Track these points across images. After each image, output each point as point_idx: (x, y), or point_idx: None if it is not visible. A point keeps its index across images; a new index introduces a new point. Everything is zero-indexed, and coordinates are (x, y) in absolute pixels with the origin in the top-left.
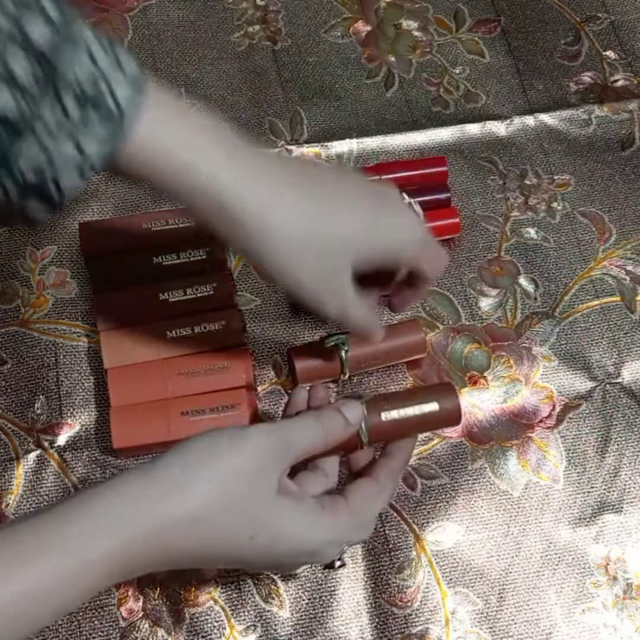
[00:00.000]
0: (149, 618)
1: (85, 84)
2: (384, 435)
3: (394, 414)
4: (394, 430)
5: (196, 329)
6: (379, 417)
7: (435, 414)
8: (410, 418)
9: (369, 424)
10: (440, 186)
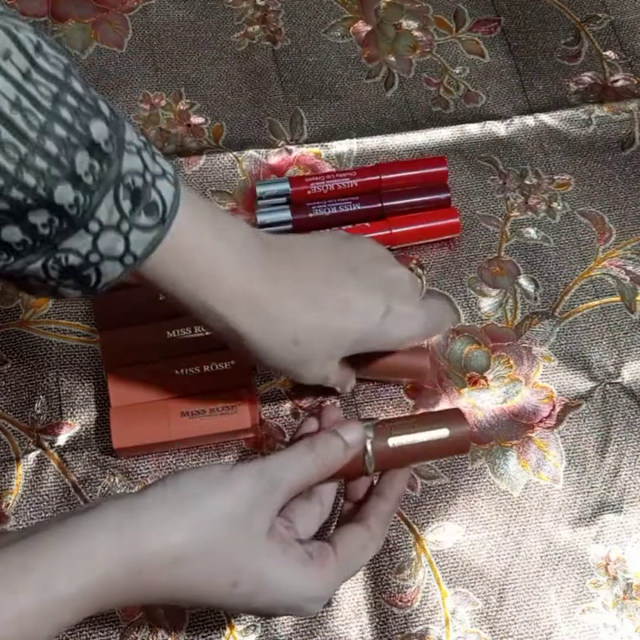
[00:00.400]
0: (149, 618)
1: (135, 177)
2: (390, 462)
3: (402, 440)
4: (401, 457)
5: (196, 329)
6: (386, 443)
7: (444, 441)
8: (419, 444)
9: (375, 449)
10: (440, 186)
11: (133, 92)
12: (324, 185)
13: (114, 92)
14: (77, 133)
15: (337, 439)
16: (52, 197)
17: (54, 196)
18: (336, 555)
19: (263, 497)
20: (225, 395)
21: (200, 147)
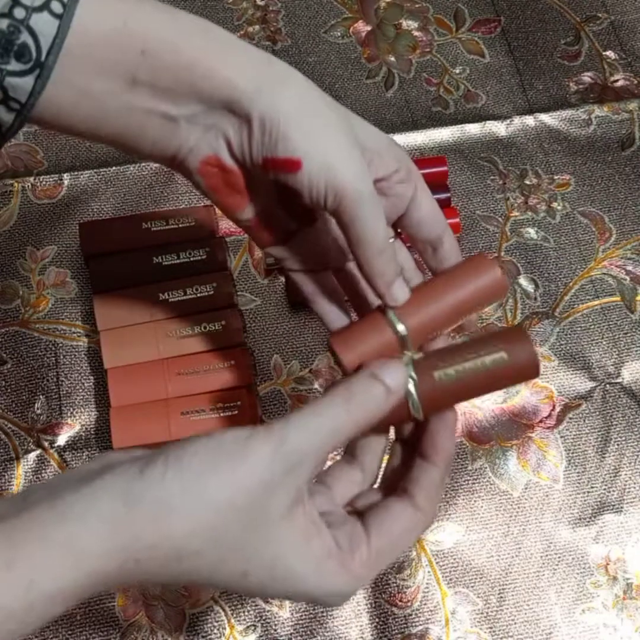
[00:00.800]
0: (149, 618)
1: None
2: (441, 401)
3: (451, 372)
4: (454, 394)
5: (196, 328)
6: (431, 378)
7: (504, 366)
8: (472, 375)
9: (419, 389)
10: (440, 186)
11: None
12: None
13: None
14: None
15: (377, 385)
16: None
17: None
18: (369, 546)
19: (283, 473)
20: (226, 395)
21: None
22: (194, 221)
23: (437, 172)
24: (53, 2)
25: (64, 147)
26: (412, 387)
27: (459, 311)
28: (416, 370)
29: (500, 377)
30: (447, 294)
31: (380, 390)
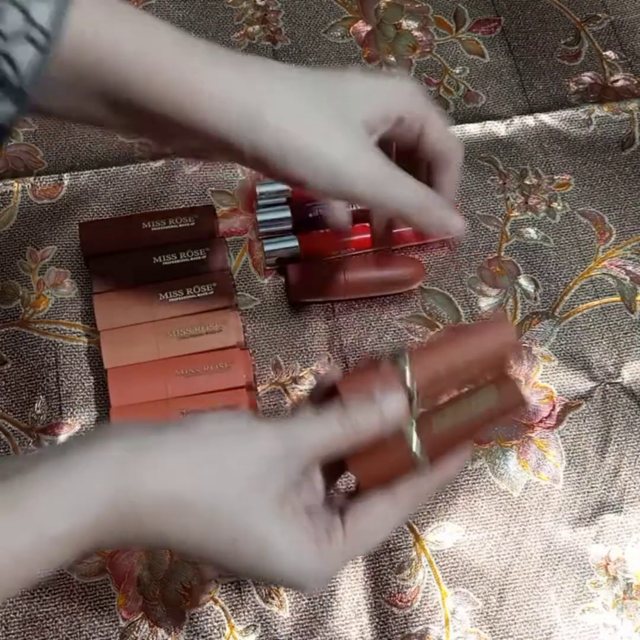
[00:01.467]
0: (149, 618)
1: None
2: (441, 448)
3: (448, 422)
4: (452, 440)
5: (196, 328)
6: (430, 430)
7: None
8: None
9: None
10: None
11: None
12: None
13: None
14: None
15: (373, 409)
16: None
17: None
18: (344, 531)
19: (283, 459)
20: (225, 395)
21: None
22: (194, 221)
23: None
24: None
25: (64, 147)
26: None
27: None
28: (417, 425)
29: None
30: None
31: (374, 410)
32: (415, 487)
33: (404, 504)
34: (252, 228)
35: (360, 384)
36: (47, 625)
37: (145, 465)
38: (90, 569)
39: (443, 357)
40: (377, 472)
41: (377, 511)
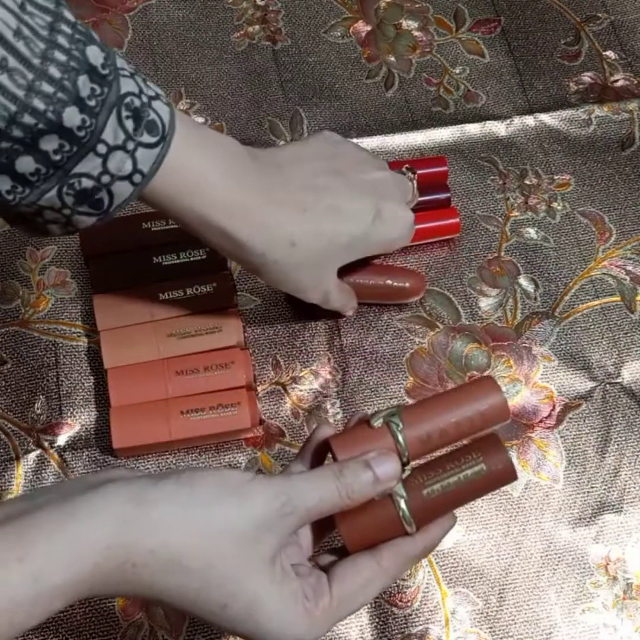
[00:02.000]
0: (149, 618)
1: (134, 98)
2: (430, 513)
3: (437, 487)
4: (441, 506)
5: (196, 328)
6: (420, 494)
7: (484, 476)
8: (456, 487)
9: (409, 505)
10: (440, 186)
11: None
12: None
13: None
14: (75, 58)
15: (367, 472)
16: (61, 120)
17: (62, 119)
18: (331, 595)
19: (276, 520)
20: (225, 395)
21: None
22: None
23: (437, 172)
24: (135, 175)
25: None
26: (404, 504)
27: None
28: (405, 488)
29: (481, 486)
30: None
31: (369, 476)
32: (400, 553)
33: (390, 569)
34: None
35: (353, 444)
36: (47, 625)
37: (144, 523)
38: None
39: (433, 419)
40: (365, 533)
41: (363, 576)
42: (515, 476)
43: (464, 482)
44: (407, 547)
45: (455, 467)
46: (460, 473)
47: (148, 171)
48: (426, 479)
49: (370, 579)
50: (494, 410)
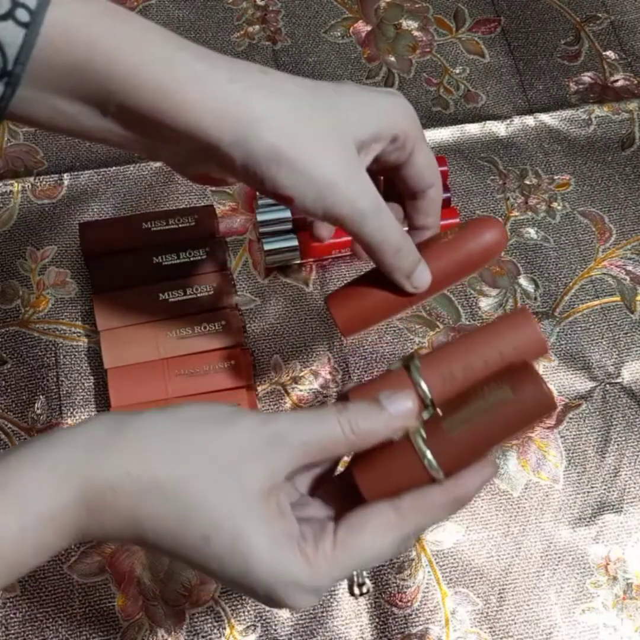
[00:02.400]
0: (149, 618)
1: None
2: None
3: (457, 420)
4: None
5: (196, 329)
6: (441, 431)
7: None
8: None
9: (431, 446)
10: None
11: None
12: None
13: None
14: None
15: (376, 408)
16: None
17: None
18: (335, 539)
19: (263, 447)
20: (226, 395)
21: None
22: (194, 221)
23: None
24: (18, 10)
25: (64, 147)
26: (422, 444)
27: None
28: (425, 427)
29: (512, 417)
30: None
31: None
32: (425, 499)
33: (411, 518)
34: (252, 228)
35: (371, 390)
36: (47, 625)
37: (123, 446)
38: (90, 569)
39: (456, 356)
40: (383, 479)
41: (375, 522)
42: (553, 403)
43: (489, 411)
44: (433, 493)
45: (478, 397)
46: (482, 400)
47: (35, 5)
48: (445, 413)
49: (384, 525)
50: (527, 343)
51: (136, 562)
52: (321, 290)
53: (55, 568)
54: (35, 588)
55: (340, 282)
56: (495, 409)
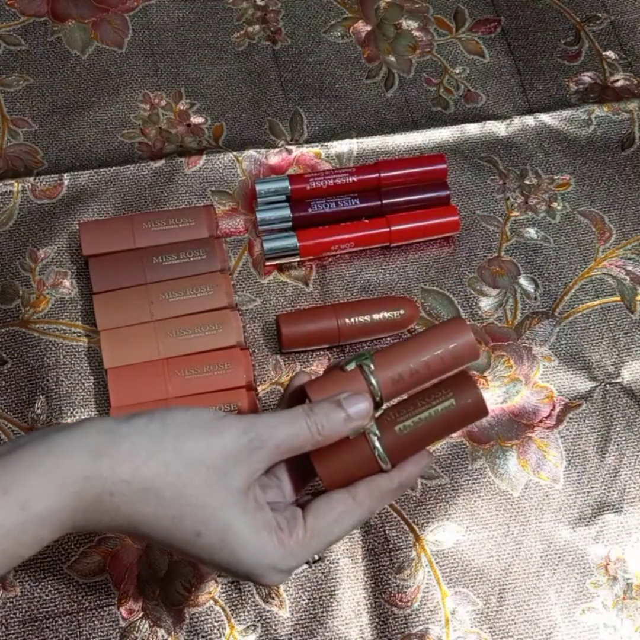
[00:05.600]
0: (149, 618)
1: None
2: (404, 450)
3: (409, 423)
4: (414, 442)
5: (196, 328)
6: (393, 432)
7: (454, 412)
8: (427, 423)
9: (383, 443)
10: (440, 184)
11: (133, 92)
12: (323, 181)
13: (114, 92)
14: None
15: (338, 409)
16: None
17: None
18: (305, 527)
19: (246, 452)
20: (225, 395)
21: (200, 147)
22: (194, 221)
23: (436, 169)
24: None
25: (64, 147)
26: (377, 442)
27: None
28: (379, 426)
29: (453, 421)
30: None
31: (339, 414)
32: (375, 487)
33: (365, 503)
34: (252, 228)
35: (327, 388)
36: (47, 625)
37: (117, 455)
38: (90, 569)
39: (404, 359)
40: (341, 470)
41: (338, 509)
42: (485, 411)
43: (435, 417)
44: (382, 482)
45: (426, 403)
46: (431, 408)
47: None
48: (398, 416)
49: (344, 511)
50: (463, 349)
51: (136, 562)
52: (321, 290)
53: (55, 568)
54: (35, 588)
55: (340, 282)
56: (440, 415)
